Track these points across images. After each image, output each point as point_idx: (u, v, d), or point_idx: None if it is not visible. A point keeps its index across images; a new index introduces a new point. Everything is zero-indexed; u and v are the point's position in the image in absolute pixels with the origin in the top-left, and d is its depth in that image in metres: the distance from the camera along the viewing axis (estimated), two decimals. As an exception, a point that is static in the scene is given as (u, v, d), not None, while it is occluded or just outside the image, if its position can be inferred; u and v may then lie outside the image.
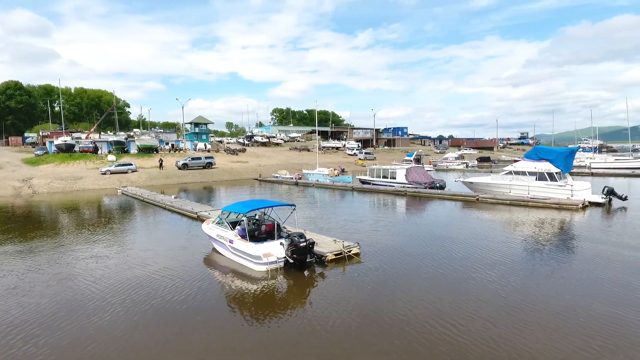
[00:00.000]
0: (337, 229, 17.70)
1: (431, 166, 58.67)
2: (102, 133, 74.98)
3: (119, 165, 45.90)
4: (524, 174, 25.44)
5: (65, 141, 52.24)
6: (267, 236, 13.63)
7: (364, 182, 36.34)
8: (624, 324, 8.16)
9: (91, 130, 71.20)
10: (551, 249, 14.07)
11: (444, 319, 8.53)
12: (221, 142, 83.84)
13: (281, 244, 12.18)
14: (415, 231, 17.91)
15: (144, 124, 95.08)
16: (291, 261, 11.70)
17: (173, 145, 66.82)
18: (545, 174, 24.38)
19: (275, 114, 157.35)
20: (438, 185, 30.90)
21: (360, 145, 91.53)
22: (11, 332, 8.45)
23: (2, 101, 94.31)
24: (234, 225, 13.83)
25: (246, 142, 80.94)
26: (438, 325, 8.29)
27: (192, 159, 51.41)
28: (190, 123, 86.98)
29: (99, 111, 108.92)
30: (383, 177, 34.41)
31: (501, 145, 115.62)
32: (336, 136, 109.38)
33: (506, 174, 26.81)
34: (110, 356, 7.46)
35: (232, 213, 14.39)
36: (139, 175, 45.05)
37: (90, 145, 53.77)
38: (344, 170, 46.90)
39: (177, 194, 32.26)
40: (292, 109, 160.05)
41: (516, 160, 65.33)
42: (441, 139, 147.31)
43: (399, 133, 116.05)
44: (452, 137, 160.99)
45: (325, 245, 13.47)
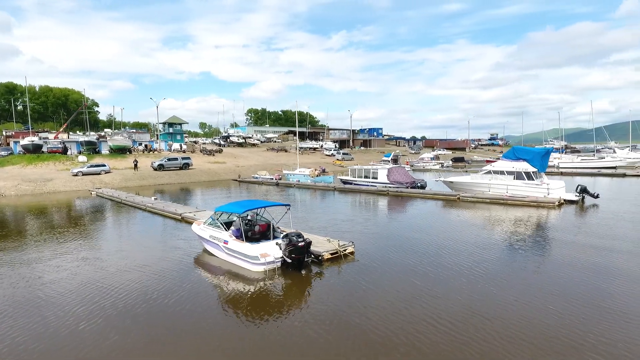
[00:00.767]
0: (328, 229, 17.75)
1: (408, 166, 59.63)
2: (71, 133, 72.08)
3: (92, 167, 44.24)
4: (502, 173, 26.32)
5: (32, 141, 49.82)
6: (261, 236, 13.52)
7: (346, 182, 36.57)
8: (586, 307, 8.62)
9: (60, 130, 68.28)
10: (536, 245, 14.66)
11: (441, 317, 8.69)
12: (196, 142, 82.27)
13: (277, 244, 12.10)
14: (403, 229, 18.20)
15: (115, 124, 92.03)
16: (289, 261, 11.65)
17: (146, 146, 65.01)
18: (523, 173, 25.33)
19: (250, 114, 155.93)
20: (419, 185, 31.48)
21: (337, 145, 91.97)
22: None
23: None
24: (226, 226, 13.63)
25: (222, 142, 79.72)
26: (437, 323, 8.40)
27: (169, 159, 50.20)
28: (164, 123, 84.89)
29: (66, 110, 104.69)
30: (365, 177, 34.75)
31: (473, 146, 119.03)
32: (313, 137, 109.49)
33: (485, 173, 27.66)
34: (115, 362, 7.23)
35: (224, 213, 14.18)
36: (112, 176, 43.59)
37: (60, 146, 51.54)
38: (324, 171, 47.00)
39: (154, 195, 31.43)
40: (268, 110, 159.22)
41: (488, 160, 67.66)
42: (415, 139, 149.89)
43: (375, 134, 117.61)
44: (424, 138, 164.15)
45: (320, 244, 13.49)
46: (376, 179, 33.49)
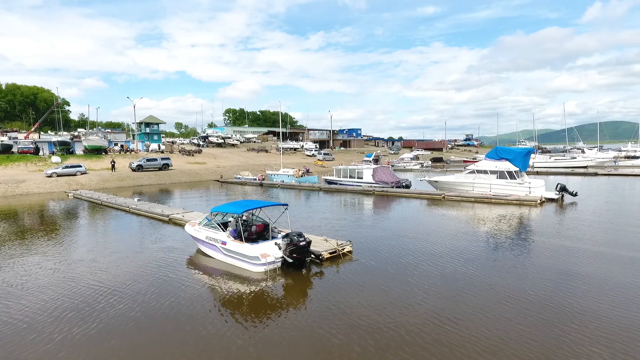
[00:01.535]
0: (322, 227, 17.77)
1: (389, 166, 60.40)
2: (42, 133, 69.33)
3: (67, 167, 42.70)
4: (485, 172, 27.02)
5: (1, 141, 47.73)
6: (258, 237, 13.42)
7: (331, 182, 36.67)
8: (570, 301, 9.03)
9: (31, 129, 65.55)
10: (523, 242, 15.15)
11: (441, 315, 8.84)
12: (174, 142, 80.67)
13: (276, 244, 12.03)
14: (394, 227, 18.40)
15: (88, 124, 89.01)
16: (290, 261, 11.60)
17: (123, 146, 63.33)
18: (505, 172, 26.09)
19: (228, 114, 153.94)
20: (404, 184, 31.93)
21: (317, 146, 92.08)
22: None
23: None
24: (222, 226, 13.44)
25: (201, 142, 78.45)
26: (437, 321, 8.52)
27: (148, 160, 49.02)
28: (141, 123, 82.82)
29: (34, 110, 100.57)
30: (350, 177, 34.95)
31: (449, 146, 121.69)
32: (293, 137, 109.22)
33: (469, 172, 28.32)
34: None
35: (219, 214, 13.98)
36: (89, 177, 42.18)
37: (31, 146, 49.59)
38: (308, 171, 46.98)
39: (132, 196, 30.61)
40: (246, 110, 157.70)
41: (466, 160, 69.26)
42: (393, 140, 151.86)
43: (354, 134, 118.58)
44: (402, 138, 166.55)
45: (318, 244, 13.49)
46: (361, 178, 33.74)
